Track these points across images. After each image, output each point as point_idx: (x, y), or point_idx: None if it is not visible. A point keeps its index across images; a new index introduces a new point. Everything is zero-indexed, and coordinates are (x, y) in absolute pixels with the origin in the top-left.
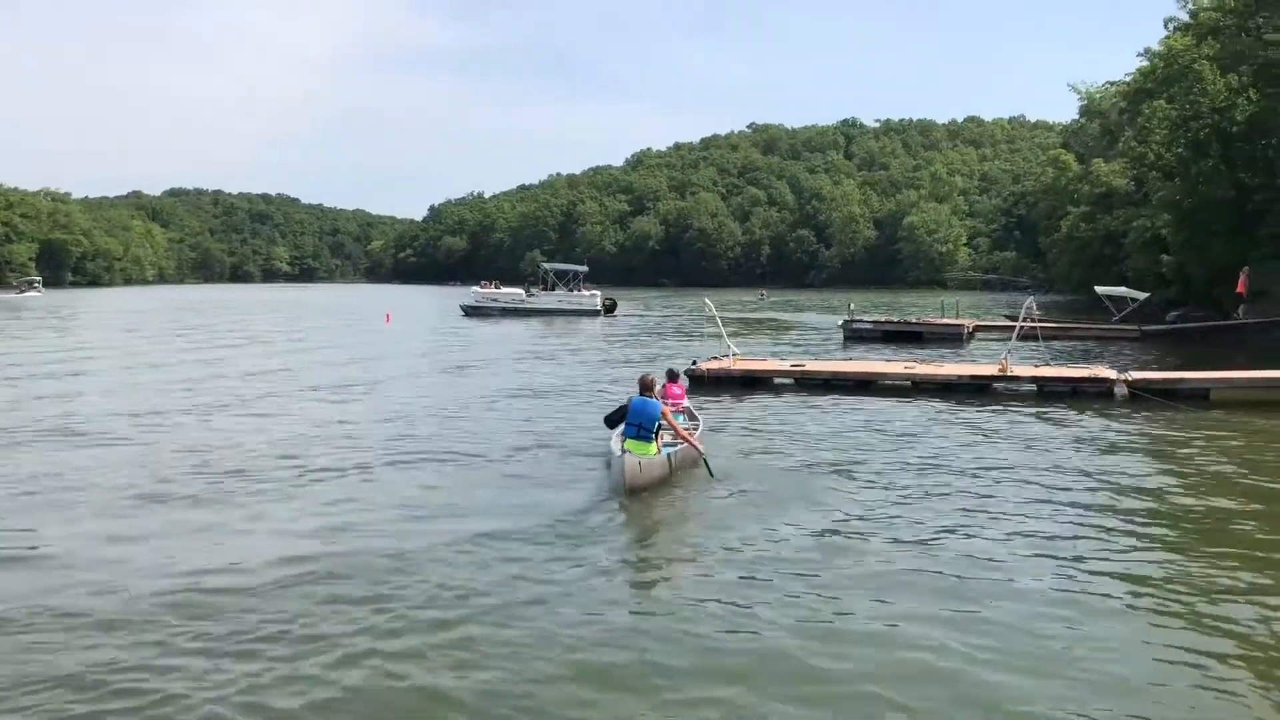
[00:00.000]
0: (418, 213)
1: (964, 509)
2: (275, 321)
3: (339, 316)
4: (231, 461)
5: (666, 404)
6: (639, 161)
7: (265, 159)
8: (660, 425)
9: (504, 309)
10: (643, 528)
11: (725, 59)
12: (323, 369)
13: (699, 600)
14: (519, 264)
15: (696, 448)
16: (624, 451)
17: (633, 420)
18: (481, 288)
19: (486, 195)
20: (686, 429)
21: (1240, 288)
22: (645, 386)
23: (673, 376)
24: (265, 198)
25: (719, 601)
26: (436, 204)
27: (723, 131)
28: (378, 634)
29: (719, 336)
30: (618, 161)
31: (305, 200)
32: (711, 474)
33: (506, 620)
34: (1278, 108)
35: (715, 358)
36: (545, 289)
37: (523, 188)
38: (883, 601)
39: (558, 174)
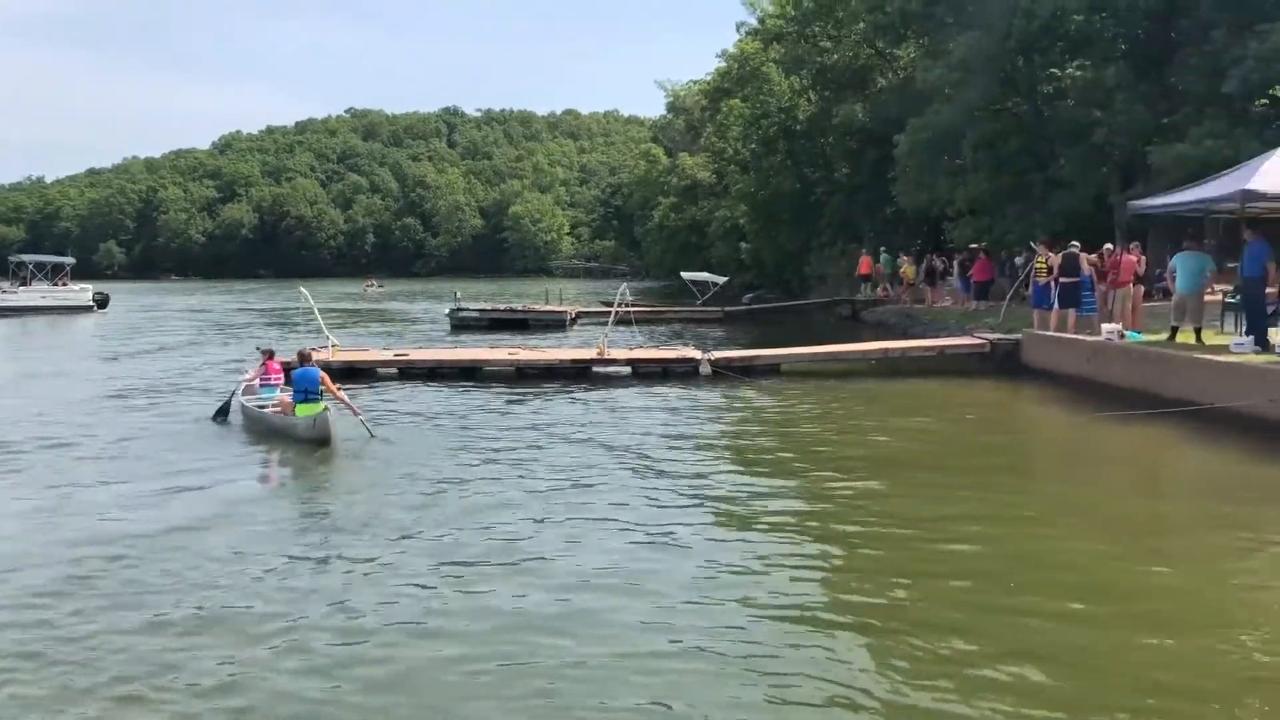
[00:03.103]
0: None
1: (559, 479)
2: None
3: None
4: None
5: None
6: (228, 145)
7: None
8: (321, 389)
9: None
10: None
11: (318, 39)
12: None
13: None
14: (92, 255)
15: (354, 409)
16: (294, 414)
17: (299, 388)
18: None
19: (48, 180)
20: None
21: (864, 269)
22: (304, 358)
23: (270, 355)
24: None
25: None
26: None
27: (319, 115)
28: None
29: (318, 327)
30: (204, 145)
31: None
32: (372, 434)
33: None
34: (832, 109)
35: (314, 349)
36: (22, 284)
37: (93, 172)
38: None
39: (134, 157)
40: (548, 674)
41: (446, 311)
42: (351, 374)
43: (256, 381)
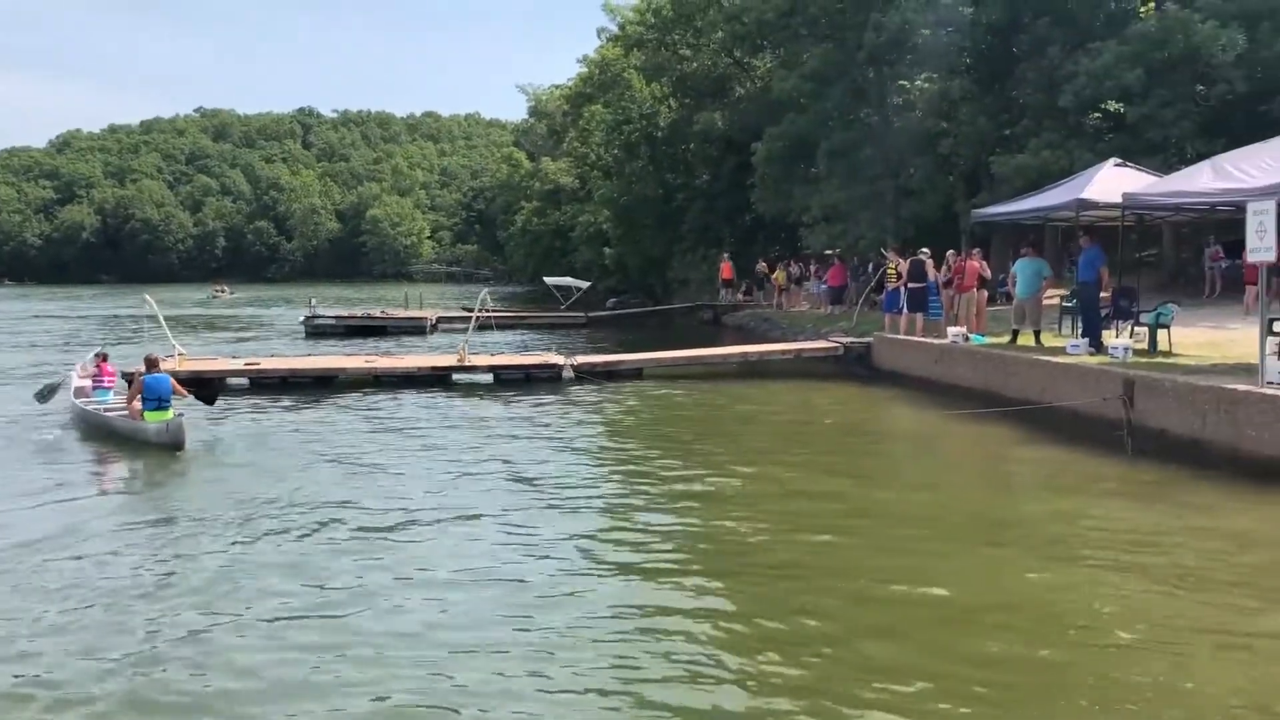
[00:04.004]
0: None
1: (418, 486)
2: None
3: None
4: None
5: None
6: (66, 144)
7: None
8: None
9: None
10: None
11: (163, 35)
12: None
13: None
14: None
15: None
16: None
17: (150, 395)
18: None
19: None
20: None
21: (726, 274)
22: (152, 364)
23: (104, 358)
24: None
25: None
26: None
27: (166, 115)
28: None
29: (163, 335)
30: (40, 143)
31: None
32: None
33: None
34: (693, 115)
35: (160, 358)
36: None
37: None
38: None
39: None
40: (402, 671)
41: (301, 319)
42: (199, 384)
43: (89, 384)
